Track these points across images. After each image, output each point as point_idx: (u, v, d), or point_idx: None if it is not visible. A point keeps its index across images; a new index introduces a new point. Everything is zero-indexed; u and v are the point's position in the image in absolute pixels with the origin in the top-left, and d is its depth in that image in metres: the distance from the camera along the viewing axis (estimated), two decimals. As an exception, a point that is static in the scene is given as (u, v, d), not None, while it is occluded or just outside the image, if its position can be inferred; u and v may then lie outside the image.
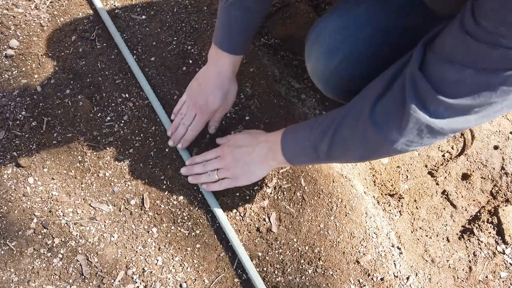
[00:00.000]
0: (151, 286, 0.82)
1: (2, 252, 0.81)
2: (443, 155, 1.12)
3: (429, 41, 0.55)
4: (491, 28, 0.44)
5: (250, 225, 0.90)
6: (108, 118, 0.97)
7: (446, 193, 1.06)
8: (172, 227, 0.88)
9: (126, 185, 0.91)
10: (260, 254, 0.88)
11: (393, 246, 0.93)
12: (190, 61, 1.06)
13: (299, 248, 0.89)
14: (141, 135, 0.96)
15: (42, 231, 0.84)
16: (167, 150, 0.95)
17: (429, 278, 0.94)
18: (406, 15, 0.72)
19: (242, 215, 0.91)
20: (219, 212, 0.88)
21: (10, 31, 1.04)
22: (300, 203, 0.93)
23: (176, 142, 0.93)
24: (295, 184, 0.94)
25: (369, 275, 0.88)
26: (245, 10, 0.77)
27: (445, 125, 0.53)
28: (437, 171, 1.09)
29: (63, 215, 0.86)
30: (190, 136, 0.92)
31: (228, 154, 0.85)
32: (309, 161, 0.73)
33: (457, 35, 0.48)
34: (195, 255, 0.86)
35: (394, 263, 0.91)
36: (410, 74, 0.54)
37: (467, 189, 1.07)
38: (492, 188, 1.08)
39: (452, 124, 0.53)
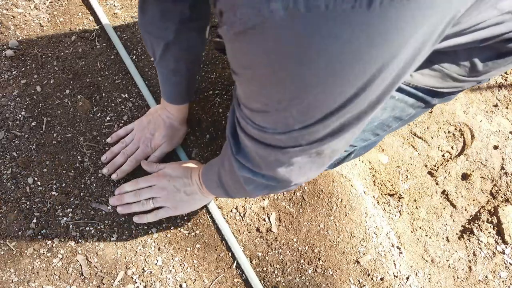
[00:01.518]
0: (151, 286, 0.82)
1: (2, 252, 0.81)
2: (443, 155, 1.12)
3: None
4: (243, 110, 0.45)
5: (250, 225, 0.90)
6: (108, 118, 0.97)
7: (446, 193, 1.06)
8: (172, 227, 0.88)
9: (126, 185, 0.90)
10: (260, 254, 0.88)
11: (393, 246, 0.93)
12: (190, 61, 1.06)
13: (299, 248, 0.89)
14: (141, 135, 0.96)
15: (42, 231, 0.84)
16: (166, 150, 0.95)
17: (429, 278, 0.94)
18: None
19: (242, 215, 0.91)
20: (216, 212, 0.88)
21: (10, 31, 1.04)
22: (300, 203, 0.93)
23: (111, 171, 0.89)
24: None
25: (369, 275, 0.88)
26: (169, 67, 0.79)
27: (266, 181, 0.55)
28: (437, 171, 1.09)
29: (63, 215, 0.86)
30: (129, 167, 0.89)
31: (166, 184, 0.83)
32: (223, 195, 0.73)
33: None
34: (195, 255, 0.86)
35: (394, 263, 0.91)
36: (230, 138, 0.56)
37: (467, 189, 1.07)
38: (492, 188, 1.07)
39: (272, 182, 0.55)
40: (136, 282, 0.82)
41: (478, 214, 1.04)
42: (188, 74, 0.82)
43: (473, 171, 1.09)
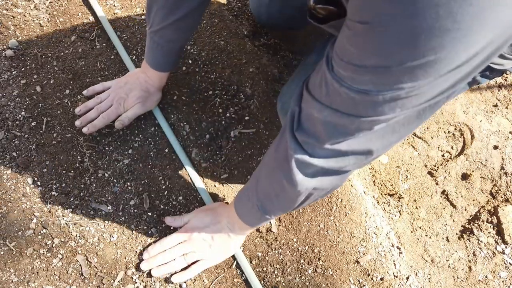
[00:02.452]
0: (150, 286, 0.82)
1: (2, 253, 0.81)
2: (443, 155, 1.12)
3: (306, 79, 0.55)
4: (341, 71, 0.43)
5: (250, 225, 0.90)
6: (108, 118, 0.97)
7: (445, 193, 1.06)
8: (172, 228, 0.88)
9: (126, 186, 0.90)
10: (260, 254, 0.88)
11: (392, 246, 0.93)
12: (190, 61, 1.06)
13: (299, 248, 0.89)
14: (140, 135, 0.96)
15: (42, 232, 0.84)
16: (166, 150, 0.95)
17: (429, 278, 0.94)
18: None
19: (241, 215, 0.91)
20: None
21: (10, 31, 1.04)
22: (300, 203, 0.93)
23: (84, 124, 0.91)
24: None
25: (369, 275, 0.88)
26: (165, 39, 0.81)
27: (324, 163, 0.52)
28: (436, 171, 1.09)
29: (63, 215, 0.86)
30: (100, 123, 0.90)
31: (195, 237, 0.81)
32: (259, 219, 0.71)
33: (320, 75, 0.48)
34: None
35: (394, 263, 0.91)
36: (290, 117, 0.54)
37: (466, 189, 1.07)
38: (492, 188, 1.07)
39: (331, 163, 0.52)
40: (136, 282, 0.82)
41: (478, 214, 1.04)
42: (183, 45, 0.86)
43: (473, 171, 1.09)
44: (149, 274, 0.82)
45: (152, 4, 0.77)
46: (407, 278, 0.90)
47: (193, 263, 0.82)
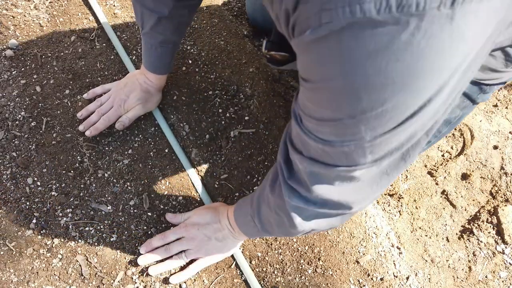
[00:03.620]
0: (150, 286, 0.82)
1: (2, 253, 0.81)
2: (443, 155, 1.12)
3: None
4: (306, 123, 0.43)
5: (250, 225, 0.90)
6: (108, 118, 0.97)
7: (445, 193, 1.06)
8: (171, 228, 0.88)
9: (125, 186, 0.90)
10: (259, 254, 0.88)
11: (392, 246, 0.93)
12: (190, 61, 1.06)
13: (299, 248, 0.89)
14: (140, 135, 0.96)
15: (42, 232, 0.84)
16: (166, 150, 0.95)
17: (429, 278, 0.94)
18: None
19: (241, 215, 0.91)
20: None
21: (10, 31, 1.04)
22: (300, 203, 0.93)
23: (87, 128, 0.92)
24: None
25: (368, 275, 0.88)
26: (158, 39, 0.82)
27: (319, 209, 0.52)
28: (436, 171, 1.09)
29: (63, 216, 0.86)
30: (102, 126, 0.91)
31: (196, 233, 0.80)
32: (257, 233, 0.70)
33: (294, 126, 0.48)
34: (194, 255, 0.86)
35: (394, 263, 0.91)
36: (281, 162, 0.54)
37: (466, 189, 1.07)
38: (492, 188, 1.07)
39: (327, 210, 0.52)
40: (136, 283, 0.82)
41: (478, 214, 1.04)
42: (174, 47, 0.86)
43: (473, 171, 1.09)
44: (149, 274, 0.82)
45: (136, 8, 0.79)
46: (407, 278, 0.90)
47: (191, 261, 0.82)
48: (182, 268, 0.82)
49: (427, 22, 0.29)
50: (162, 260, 0.82)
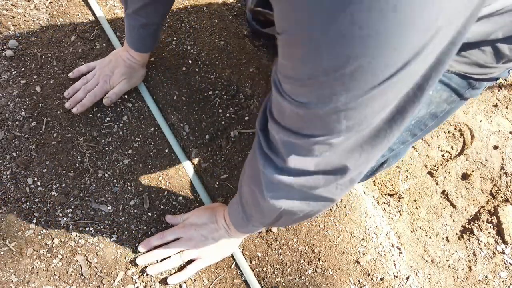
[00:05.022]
0: (150, 286, 0.82)
1: (2, 253, 0.81)
2: (443, 155, 1.12)
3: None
4: (283, 85, 0.41)
5: (250, 225, 0.90)
6: (108, 118, 0.97)
7: (445, 193, 1.06)
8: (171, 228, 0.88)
9: (126, 186, 0.90)
10: (259, 254, 0.88)
11: (392, 246, 0.93)
12: (190, 61, 1.06)
13: (299, 248, 0.88)
14: (140, 136, 0.96)
15: (42, 232, 0.84)
16: (166, 150, 0.95)
17: (429, 278, 0.94)
18: None
19: (241, 215, 0.91)
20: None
21: (10, 32, 1.04)
22: (300, 203, 0.92)
23: (73, 105, 0.93)
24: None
25: (369, 275, 0.88)
26: (140, 22, 0.84)
27: (293, 181, 0.50)
28: (436, 171, 1.08)
29: (63, 216, 0.86)
30: (88, 102, 0.93)
31: (193, 234, 0.80)
32: (246, 227, 0.69)
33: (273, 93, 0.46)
34: (194, 256, 0.86)
35: (394, 263, 0.91)
36: (258, 132, 0.53)
37: (466, 189, 1.07)
38: (492, 188, 1.07)
39: (302, 181, 0.50)
40: (136, 283, 0.82)
41: (478, 214, 1.04)
42: (158, 28, 0.88)
43: (473, 171, 1.09)
44: (148, 274, 0.82)
45: None
46: (407, 278, 0.90)
47: (189, 262, 0.82)
48: (181, 269, 0.82)
49: None
50: (161, 260, 0.83)
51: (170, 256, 0.82)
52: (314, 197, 0.52)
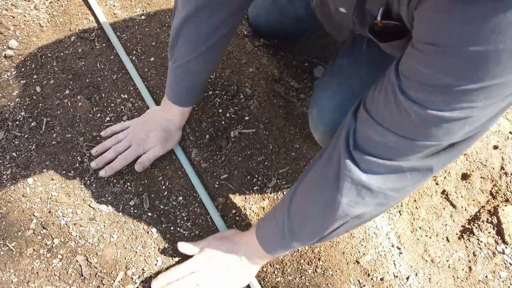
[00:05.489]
0: (150, 286, 0.82)
1: (2, 253, 0.81)
2: (443, 155, 1.12)
3: (359, 104, 0.54)
4: (411, 92, 0.44)
5: (250, 225, 0.90)
6: (108, 118, 0.97)
7: (445, 193, 1.06)
8: (172, 228, 0.88)
9: (126, 186, 0.90)
10: (259, 254, 0.88)
11: (392, 246, 0.93)
12: (190, 61, 1.06)
13: (299, 248, 0.88)
14: (141, 135, 0.96)
15: (42, 232, 0.84)
16: (166, 150, 0.95)
17: (429, 278, 0.94)
18: None
19: (242, 215, 0.91)
20: (215, 213, 0.88)
21: (10, 32, 1.04)
22: (300, 203, 0.92)
23: (100, 165, 0.88)
24: (294, 184, 0.94)
25: (369, 275, 0.88)
26: (190, 72, 0.80)
27: (381, 183, 0.51)
28: (436, 171, 1.08)
29: (63, 216, 0.86)
30: (119, 165, 0.87)
31: (209, 266, 0.76)
32: (283, 246, 0.68)
33: (383, 95, 0.48)
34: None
35: (394, 263, 0.91)
36: (345, 134, 0.54)
37: (466, 189, 1.07)
38: (492, 188, 1.07)
39: (389, 183, 0.51)
40: (136, 283, 0.82)
41: (478, 214, 1.04)
42: (207, 77, 0.84)
43: (473, 171, 1.09)
44: (149, 274, 0.82)
45: (177, 38, 0.75)
46: (407, 278, 0.90)
47: None
48: None
49: None
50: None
51: None
52: (392, 198, 0.54)
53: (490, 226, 1.01)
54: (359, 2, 0.53)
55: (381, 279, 0.88)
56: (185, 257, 0.84)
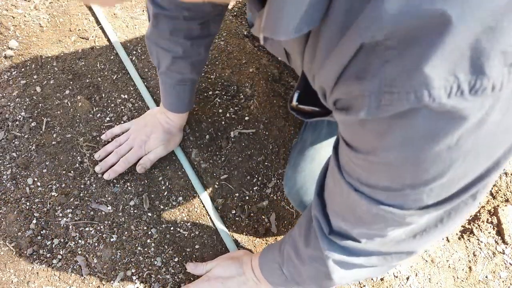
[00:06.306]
0: (150, 287, 0.82)
1: (2, 253, 0.81)
2: (443, 155, 1.12)
3: (320, 189, 0.52)
4: (355, 183, 0.41)
5: (250, 225, 0.90)
6: (108, 118, 0.97)
7: (445, 193, 1.06)
8: (172, 228, 0.88)
9: (126, 186, 0.90)
10: (259, 254, 0.88)
11: (392, 246, 0.93)
12: (190, 62, 1.06)
13: (299, 249, 0.88)
14: (141, 135, 0.96)
15: (42, 232, 0.84)
16: (166, 150, 0.95)
17: (429, 278, 0.94)
18: None
19: (241, 215, 0.91)
20: (215, 213, 0.88)
21: (10, 32, 1.04)
22: (300, 204, 0.92)
23: (104, 169, 0.88)
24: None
25: (368, 275, 0.88)
26: (175, 80, 0.80)
27: (364, 261, 0.50)
28: (436, 171, 1.08)
29: (63, 216, 0.86)
30: (121, 168, 0.88)
31: (219, 287, 0.75)
32: (286, 283, 0.66)
33: (335, 184, 0.45)
34: (194, 256, 0.86)
35: (394, 263, 0.91)
36: (315, 218, 0.52)
37: (467, 189, 1.07)
38: (492, 188, 1.07)
39: (373, 260, 0.49)
40: (135, 283, 0.82)
41: (478, 214, 1.04)
42: (192, 84, 0.83)
43: (473, 171, 1.09)
44: (149, 274, 0.82)
45: (151, 48, 0.77)
46: (407, 278, 0.90)
47: None
48: None
49: (504, 101, 0.28)
50: None
51: None
52: (378, 271, 0.53)
53: (490, 226, 1.01)
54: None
55: (381, 279, 0.88)
56: (185, 257, 0.83)
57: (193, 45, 0.74)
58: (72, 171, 0.90)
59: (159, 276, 0.83)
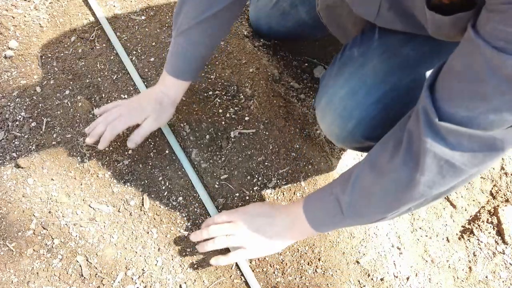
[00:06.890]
0: (150, 286, 0.82)
1: (2, 253, 0.81)
2: (443, 155, 1.12)
3: (433, 81, 0.51)
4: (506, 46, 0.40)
5: (250, 225, 0.90)
6: (108, 118, 0.97)
7: (446, 193, 1.06)
8: (172, 228, 0.88)
9: (126, 186, 0.90)
10: (259, 254, 0.88)
11: (393, 246, 0.93)
12: (190, 62, 1.06)
13: (299, 249, 0.88)
14: (141, 135, 0.96)
15: (42, 232, 0.84)
16: (166, 151, 0.95)
17: (429, 278, 0.94)
18: (414, 64, 0.70)
19: (241, 215, 0.91)
20: (215, 213, 0.88)
21: (10, 32, 1.04)
22: (300, 204, 0.92)
23: (93, 139, 0.85)
24: (294, 185, 0.94)
25: (369, 275, 0.88)
26: (191, 42, 0.79)
27: (467, 160, 0.47)
28: (436, 171, 1.08)
29: (63, 216, 0.86)
30: (109, 135, 0.84)
31: (244, 221, 0.78)
32: (334, 221, 0.68)
33: (464, 61, 0.44)
34: (194, 256, 0.86)
35: (394, 263, 0.91)
36: (423, 109, 0.50)
37: (466, 189, 1.07)
38: (492, 188, 1.07)
39: (477, 160, 0.47)
40: (136, 283, 0.82)
41: (478, 214, 1.04)
42: (208, 52, 0.83)
43: (473, 171, 1.09)
44: (149, 274, 0.82)
45: (182, 6, 0.76)
46: (407, 278, 0.90)
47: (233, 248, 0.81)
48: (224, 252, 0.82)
49: None
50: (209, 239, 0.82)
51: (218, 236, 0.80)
52: (470, 177, 0.51)
53: (490, 226, 1.01)
54: None
55: (381, 279, 0.88)
56: (186, 258, 0.83)
57: (228, 9, 0.75)
58: (72, 171, 0.90)
59: (159, 276, 0.83)
